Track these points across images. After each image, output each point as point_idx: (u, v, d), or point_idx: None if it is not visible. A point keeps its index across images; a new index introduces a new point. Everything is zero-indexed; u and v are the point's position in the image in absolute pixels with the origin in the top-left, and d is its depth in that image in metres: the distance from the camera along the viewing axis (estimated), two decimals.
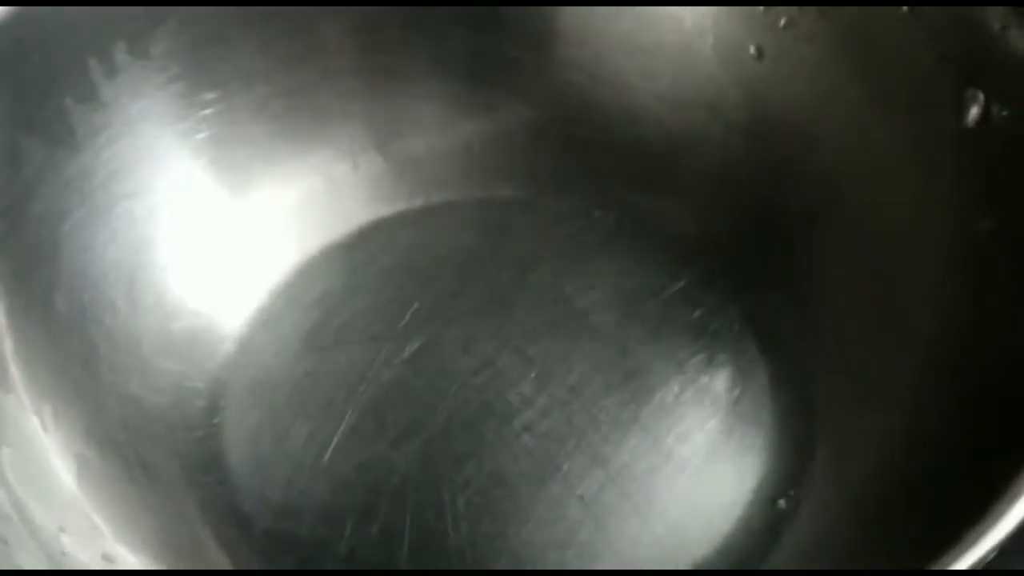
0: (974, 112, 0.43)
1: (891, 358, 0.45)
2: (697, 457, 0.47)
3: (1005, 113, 0.42)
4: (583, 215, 0.52)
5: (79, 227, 0.47)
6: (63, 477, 0.42)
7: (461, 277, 0.51)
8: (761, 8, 0.48)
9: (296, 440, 0.47)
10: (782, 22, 0.48)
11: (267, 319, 0.51)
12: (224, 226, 0.51)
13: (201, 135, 0.50)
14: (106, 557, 0.40)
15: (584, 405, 0.48)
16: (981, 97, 0.43)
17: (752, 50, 0.49)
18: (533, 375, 0.49)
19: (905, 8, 0.44)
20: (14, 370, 0.42)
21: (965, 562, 0.32)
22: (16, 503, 0.38)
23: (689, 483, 0.46)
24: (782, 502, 0.45)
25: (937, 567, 0.32)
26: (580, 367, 0.49)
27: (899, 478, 0.41)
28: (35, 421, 0.42)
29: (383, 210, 0.53)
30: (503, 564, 0.44)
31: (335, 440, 0.47)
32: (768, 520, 0.45)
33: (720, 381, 0.48)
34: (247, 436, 0.48)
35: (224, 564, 0.45)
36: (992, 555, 0.32)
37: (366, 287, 0.51)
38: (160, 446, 0.47)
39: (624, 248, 0.52)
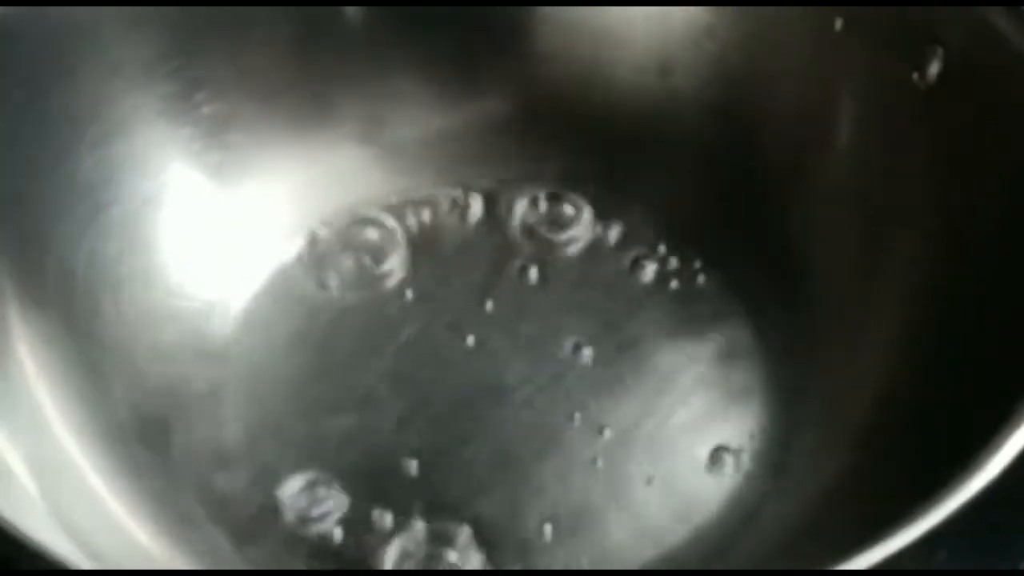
0: (935, 68, 0.45)
1: (876, 317, 0.47)
2: (694, 418, 0.48)
3: (964, 67, 0.44)
4: (563, 199, 0.53)
5: (63, 237, 0.47)
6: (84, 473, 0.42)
7: (447, 265, 0.52)
8: None
9: (297, 435, 0.47)
10: None
11: (257, 317, 0.51)
12: (210, 225, 0.51)
13: (189, 134, 0.50)
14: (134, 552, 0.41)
15: (579, 378, 0.49)
16: (941, 52, 0.45)
17: (718, 24, 0.51)
18: (525, 353, 0.50)
19: None
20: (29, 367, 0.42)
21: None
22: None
23: (690, 443, 0.47)
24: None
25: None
26: (571, 342, 0.50)
27: (890, 440, 0.43)
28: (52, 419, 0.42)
29: (370, 201, 0.53)
30: (519, 534, 0.45)
31: (338, 431, 0.47)
32: (765, 470, 0.46)
33: (708, 347, 0.50)
34: (248, 435, 0.48)
35: (239, 564, 0.45)
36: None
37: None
38: (164, 451, 0.47)
39: (604, 226, 0.53)
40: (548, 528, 0.45)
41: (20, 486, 0.39)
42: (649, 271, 0.52)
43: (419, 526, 0.45)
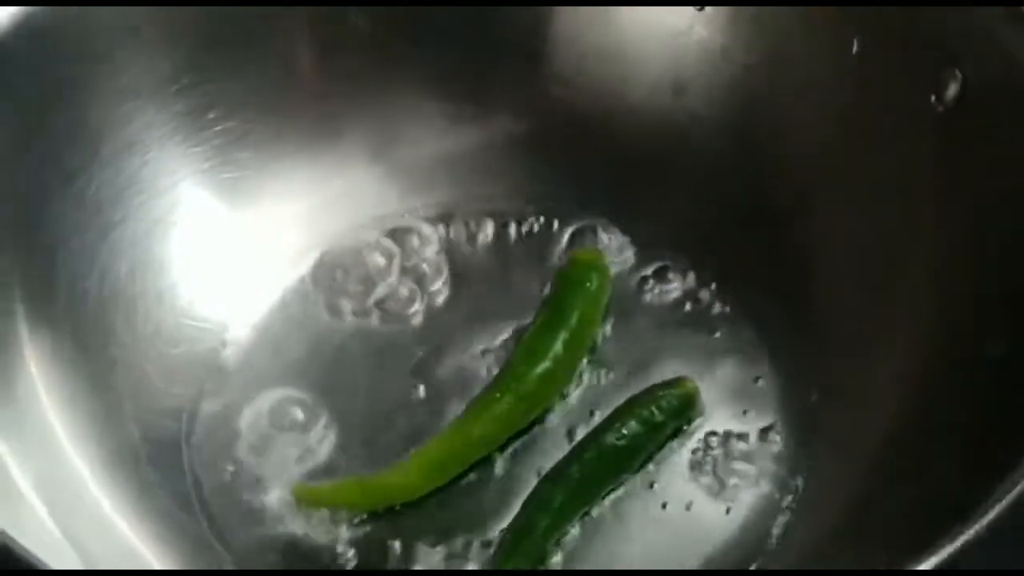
0: (952, 91, 0.45)
1: (885, 345, 0.46)
2: (707, 444, 0.47)
3: (982, 90, 0.44)
4: (572, 219, 0.53)
5: (75, 255, 0.47)
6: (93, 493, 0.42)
7: (458, 286, 0.52)
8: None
9: (312, 455, 0.47)
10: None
11: (267, 337, 0.51)
12: (221, 244, 0.51)
13: (201, 153, 0.50)
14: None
15: (594, 398, 0.48)
16: (959, 75, 0.44)
17: (733, 45, 0.50)
18: None
19: None
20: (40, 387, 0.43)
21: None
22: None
23: (700, 468, 0.47)
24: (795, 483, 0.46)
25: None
26: (587, 364, 0.49)
27: (903, 469, 0.42)
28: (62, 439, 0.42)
29: (381, 221, 0.53)
30: None
31: (348, 453, 0.47)
32: (777, 499, 0.46)
33: (721, 372, 0.49)
34: (259, 455, 0.47)
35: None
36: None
37: None
38: (174, 471, 0.47)
39: (615, 249, 0.52)
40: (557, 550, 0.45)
41: (29, 506, 0.39)
42: (662, 293, 0.51)
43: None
